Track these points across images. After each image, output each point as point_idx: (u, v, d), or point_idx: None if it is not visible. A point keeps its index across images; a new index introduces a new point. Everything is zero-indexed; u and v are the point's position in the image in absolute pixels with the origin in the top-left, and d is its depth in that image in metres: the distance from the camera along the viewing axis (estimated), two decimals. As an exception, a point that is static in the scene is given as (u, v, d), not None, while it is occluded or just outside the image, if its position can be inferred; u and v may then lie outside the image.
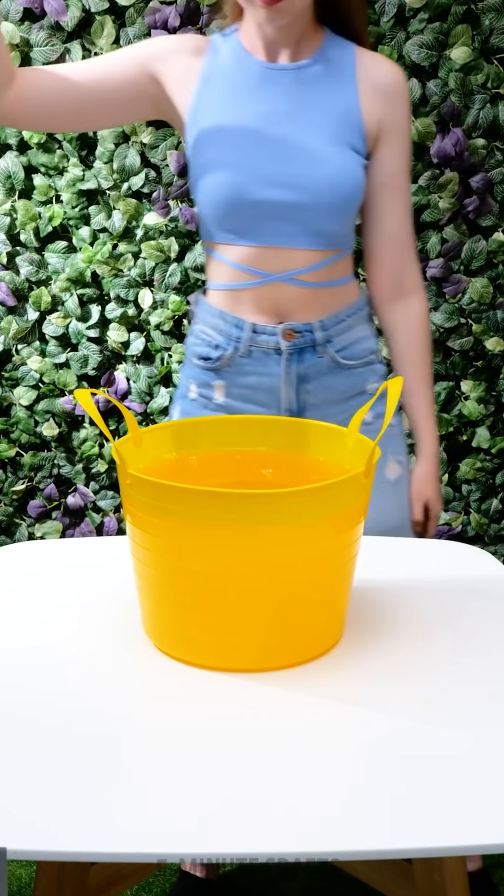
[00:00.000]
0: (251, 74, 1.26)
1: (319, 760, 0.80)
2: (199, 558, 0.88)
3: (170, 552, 0.90)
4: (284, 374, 1.31)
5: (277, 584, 0.89)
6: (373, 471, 0.95)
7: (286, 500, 0.86)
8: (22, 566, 1.19)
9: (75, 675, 0.92)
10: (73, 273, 2.08)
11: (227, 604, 0.90)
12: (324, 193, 1.23)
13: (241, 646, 0.92)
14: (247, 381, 1.33)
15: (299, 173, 1.23)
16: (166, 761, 0.79)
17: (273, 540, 0.87)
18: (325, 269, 1.28)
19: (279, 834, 0.71)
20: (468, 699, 0.89)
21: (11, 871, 1.66)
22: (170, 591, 0.92)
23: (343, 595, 0.97)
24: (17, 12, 1.94)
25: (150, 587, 0.95)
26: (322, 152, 1.23)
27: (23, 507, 2.27)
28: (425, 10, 1.94)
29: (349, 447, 1.04)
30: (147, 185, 2.03)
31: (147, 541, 0.91)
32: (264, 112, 1.24)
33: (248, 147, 1.23)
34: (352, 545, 0.95)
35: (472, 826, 0.72)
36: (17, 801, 0.74)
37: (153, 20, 1.91)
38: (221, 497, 0.86)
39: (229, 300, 1.32)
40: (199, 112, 1.26)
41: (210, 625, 0.91)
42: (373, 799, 0.75)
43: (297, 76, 1.26)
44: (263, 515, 0.86)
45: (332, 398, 1.34)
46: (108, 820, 0.72)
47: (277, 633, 0.92)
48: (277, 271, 1.27)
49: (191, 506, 0.86)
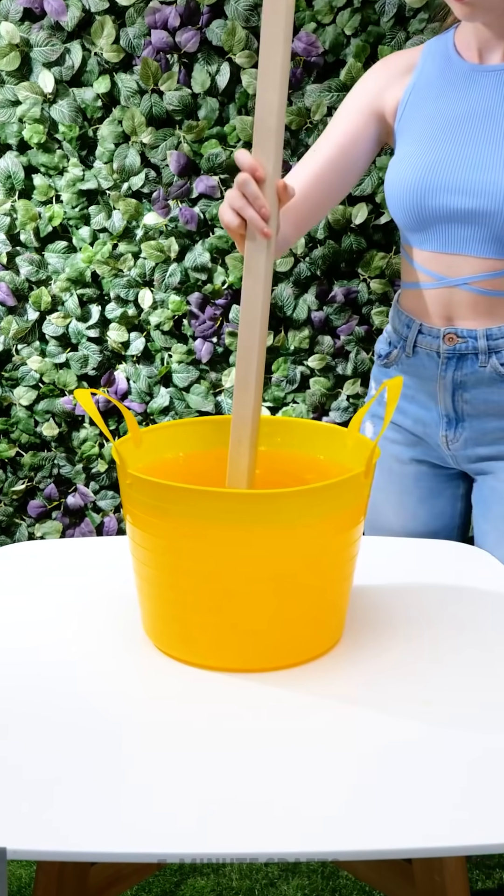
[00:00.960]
0: (455, 76, 1.24)
1: (319, 760, 0.80)
2: (199, 558, 0.88)
3: (169, 552, 0.90)
4: (440, 378, 1.30)
5: (277, 584, 0.89)
6: (373, 471, 0.95)
7: (286, 499, 0.86)
8: (22, 566, 1.19)
9: (75, 675, 0.92)
10: (73, 273, 2.08)
11: (226, 604, 0.90)
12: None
13: (240, 646, 0.92)
14: (410, 381, 1.33)
15: (485, 180, 1.18)
16: (166, 761, 0.79)
17: (273, 540, 0.87)
18: (500, 278, 1.24)
19: (279, 834, 0.71)
20: (468, 699, 0.89)
21: (11, 871, 1.66)
22: (169, 590, 0.92)
23: (343, 595, 0.97)
24: (17, 12, 1.94)
25: (150, 587, 0.95)
26: None
27: (23, 507, 2.27)
28: (425, 10, 1.94)
29: (349, 447, 1.04)
30: (147, 185, 2.03)
31: (147, 541, 0.91)
32: (462, 114, 1.21)
33: (438, 151, 1.21)
34: (352, 545, 0.95)
35: (472, 826, 0.72)
36: (18, 801, 0.74)
37: (153, 20, 1.92)
38: (221, 497, 0.86)
39: (408, 299, 1.32)
40: (403, 121, 1.26)
41: (210, 625, 0.91)
42: (373, 799, 0.75)
43: (501, 77, 1.21)
44: (263, 515, 0.86)
45: (492, 411, 1.29)
46: (109, 820, 0.72)
47: (277, 632, 0.92)
48: (452, 276, 1.25)
49: (190, 506, 0.86)
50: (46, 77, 1.95)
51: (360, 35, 1.91)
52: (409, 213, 1.24)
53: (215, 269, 2.07)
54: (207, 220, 2.04)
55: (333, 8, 1.89)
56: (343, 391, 2.13)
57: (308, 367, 2.14)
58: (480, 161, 1.19)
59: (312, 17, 1.91)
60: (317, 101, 1.94)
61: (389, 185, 1.27)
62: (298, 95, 1.96)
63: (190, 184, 2.02)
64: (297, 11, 1.90)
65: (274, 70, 0.93)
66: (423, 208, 1.23)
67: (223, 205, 1.04)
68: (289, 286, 2.08)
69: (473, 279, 1.24)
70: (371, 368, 2.12)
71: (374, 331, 2.10)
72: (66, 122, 1.99)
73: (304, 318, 2.09)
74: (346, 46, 1.92)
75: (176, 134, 2.00)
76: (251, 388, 0.99)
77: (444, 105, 1.23)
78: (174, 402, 2.17)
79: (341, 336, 2.09)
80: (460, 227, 1.22)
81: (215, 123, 1.99)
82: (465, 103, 1.22)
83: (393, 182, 1.26)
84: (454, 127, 1.21)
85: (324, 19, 1.90)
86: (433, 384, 1.31)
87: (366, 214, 2.00)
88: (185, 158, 1.99)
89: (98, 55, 1.96)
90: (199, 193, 2.02)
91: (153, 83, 1.95)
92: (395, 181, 1.25)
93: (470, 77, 1.23)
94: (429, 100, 1.25)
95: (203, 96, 1.96)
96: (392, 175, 1.26)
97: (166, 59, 1.94)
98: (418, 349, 1.31)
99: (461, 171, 1.19)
